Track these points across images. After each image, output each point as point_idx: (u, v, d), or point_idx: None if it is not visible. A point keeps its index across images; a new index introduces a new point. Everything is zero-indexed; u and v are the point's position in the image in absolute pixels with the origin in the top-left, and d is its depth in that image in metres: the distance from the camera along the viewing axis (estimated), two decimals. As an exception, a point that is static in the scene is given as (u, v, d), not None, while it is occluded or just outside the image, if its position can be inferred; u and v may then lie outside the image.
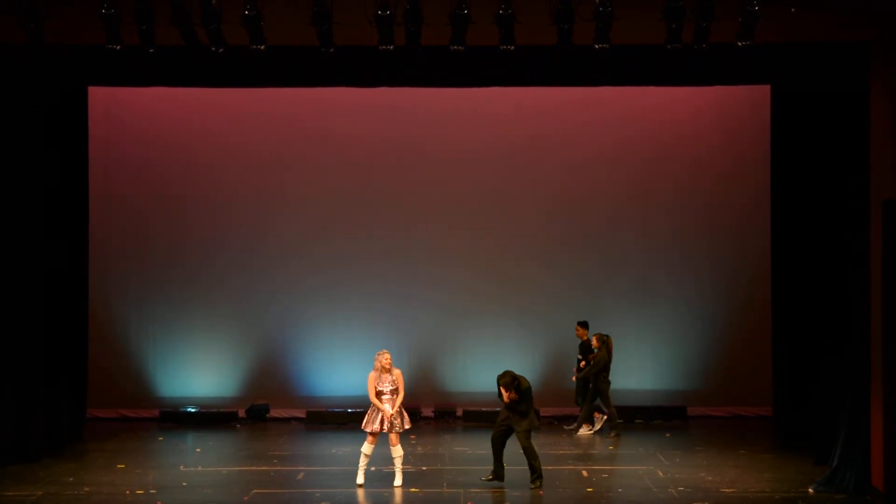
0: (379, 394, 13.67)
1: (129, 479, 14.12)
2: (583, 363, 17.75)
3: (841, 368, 13.80)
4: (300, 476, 14.51)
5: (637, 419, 18.59)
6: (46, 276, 15.89)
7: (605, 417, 17.79)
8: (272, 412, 19.03)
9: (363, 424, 13.82)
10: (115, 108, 18.75)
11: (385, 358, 13.74)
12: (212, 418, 18.55)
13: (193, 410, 18.64)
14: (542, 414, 18.59)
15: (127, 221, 19.05)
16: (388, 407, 13.61)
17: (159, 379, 19.07)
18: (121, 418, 18.88)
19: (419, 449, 16.00)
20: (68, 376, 16.94)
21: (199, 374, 19.08)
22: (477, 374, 18.60)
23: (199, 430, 18.01)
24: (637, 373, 19.05)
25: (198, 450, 16.58)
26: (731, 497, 13.11)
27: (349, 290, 19.03)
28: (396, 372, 13.78)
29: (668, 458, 15.48)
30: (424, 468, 14.73)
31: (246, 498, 13.18)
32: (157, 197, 19.07)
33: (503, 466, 13.85)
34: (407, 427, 13.82)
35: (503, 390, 13.64)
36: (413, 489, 13.60)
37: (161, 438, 17.51)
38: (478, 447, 16.41)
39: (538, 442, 16.82)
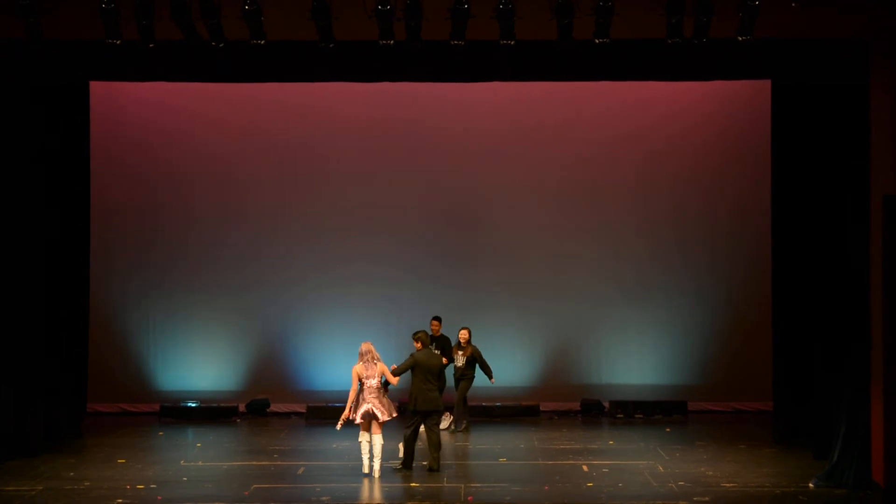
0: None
1: (130, 474, 14.13)
2: (444, 359, 16.61)
3: (841, 363, 13.80)
4: (300, 471, 14.51)
5: (637, 414, 18.60)
6: (47, 271, 15.91)
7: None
8: (272, 407, 19.04)
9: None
10: (116, 100, 18.72)
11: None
12: (212, 413, 18.56)
13: (193, 405, 18.65)
14: (542, 409, 18.67)
15: (127, 216, 19.04)
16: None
17: (160, 373, 19.08)
18: (121, 413, 18.89)
19: (419, 444, 16.00)
20: (68, 370, 16.93)
21: (199, 368, 19.09)
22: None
23: (200, 425, 18.02)
24: (637, 367, 19.05)
25: (198, 445, 16.59)
26: (731, 492, 13.12)
27: (349, 284, 19.03)
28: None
29: (668, 452, 15.49)
30: (425, 463, 14.73)
31: (246, 493, 13.18)
32: (158, 192, 19.07)
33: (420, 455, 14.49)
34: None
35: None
36: (413, 483, 13.61)
37: (161, 433, 17.52)
38: (478, 441, 16.47)
39: (540, 437, 16.91)
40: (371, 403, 13.94)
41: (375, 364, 13.97)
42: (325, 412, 18.36)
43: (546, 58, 14.18)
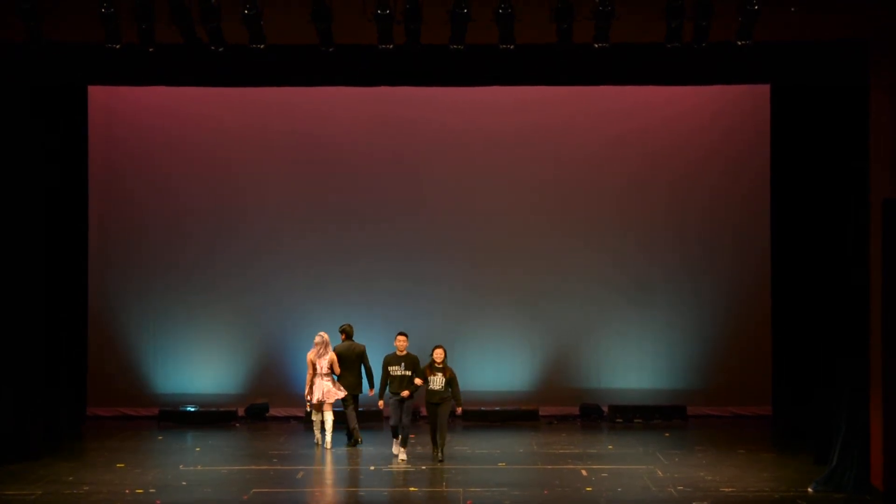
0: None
1: (129, 479, 14.12)
2: (418, 380, 15.31)
3: (840, 367, 13.79)
4: (300, 475, 14.51)
5: (636, 419, 18.58)
6: (46, 275, 15.91)
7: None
8: (271, 411, 19.03)
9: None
10: (115, 104, 18.76)
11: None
12: (211, 417, 18.55)
13: (193, 409, 18.64)
14: (541, 413, 18.66)
15: (126, 219, 19.05)
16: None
17: (159, 378, 19.07)
18: (120, 417, 18.88)
19: (419, 448, 15.99)
20: (68, 374, 16.96)
21: (198, 372, 19.08)
22: (476, 373, 18.59)
23: (199, 429, 18.00)
24: (636, 372, 19.04)
25: (197, 449, 16.58)
26: (730, 496, 13.10)
27: (349, 288, 19.03)
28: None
29: (667, 457, 15.48)
30: (424, 467, 14.74)
31: (245, 497, 13.17)
32: (157, 194, 19.07)
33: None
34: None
35: None
36: (412, 488, 13.61)
37: (160, 437, 17.51)
38: (477, 446, 16.44)
39: (539, 441, 16.92)
40: (323, 386, 16.09)
41: (327, 353, 16.17)
42: (325, 416, 18.36)
43: (545, 62, 14.16)
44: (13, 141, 15.05)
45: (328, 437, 16.16)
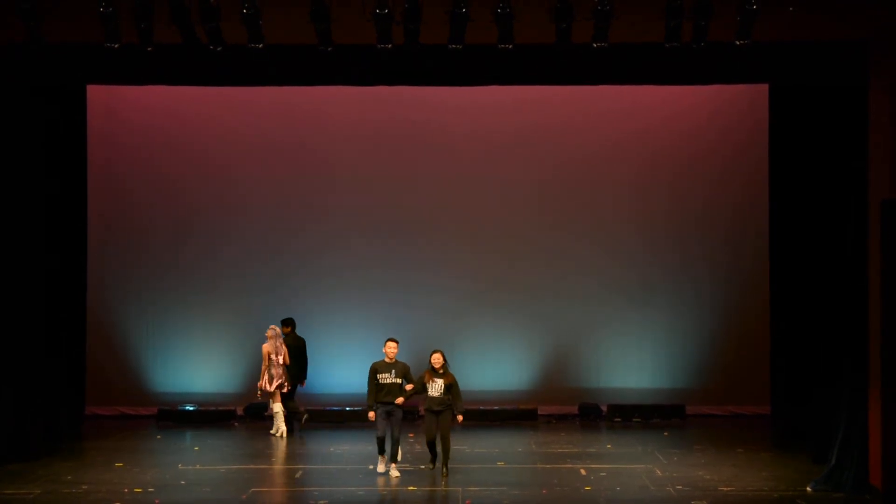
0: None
1: (128, 478, 14.13)
2: (409, 385, 14.34)
3: (839, 367, 13.80)
4: (298, 474, 14.52)
5: (635, 418, 18.59)
6: (45, 274, 15.92)
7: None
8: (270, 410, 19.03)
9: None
10: (114, 104, 18.77)
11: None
12: (210, 417, 18.56)
13: (192, 409, 18.65)
14: (540, 413, 18.66)
15: (125, 219, 19.06)
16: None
17: (158, 377, 19.08)
18: (119, 416, 18.89)
19: (417, 447, 16.00)
20: (67, 374, 16.97)
21: (197, 372, 19.09)
22: (476, 372, 18.57)
23: (198, 429, 18.02)
24: (635, 371, 19.05)
25: (196, 448, 16.59)
26: (729, 495, 13.12)
27: (348, 288, 19.04)
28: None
29: (666, 456, 15.49)
30: (423, 467, 14.73)
31: (244, 496, 13.18)
32: (156, 194, 19.08)
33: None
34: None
35: None
36: (411, 487, 13.62)
37: (159, 437, 17.52)
38: (476, 445, 16.44)
39: (538, 441, 16.93)
40: (280, 377, 17.09)
41: (282, 345, 17.23)
42: (323, 416, 18.38)
43: (545, 62, 14.16)
44: (13, 141, 15.05)
45: (283, 426, 17.16)
